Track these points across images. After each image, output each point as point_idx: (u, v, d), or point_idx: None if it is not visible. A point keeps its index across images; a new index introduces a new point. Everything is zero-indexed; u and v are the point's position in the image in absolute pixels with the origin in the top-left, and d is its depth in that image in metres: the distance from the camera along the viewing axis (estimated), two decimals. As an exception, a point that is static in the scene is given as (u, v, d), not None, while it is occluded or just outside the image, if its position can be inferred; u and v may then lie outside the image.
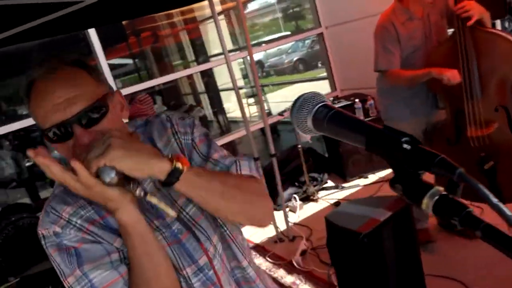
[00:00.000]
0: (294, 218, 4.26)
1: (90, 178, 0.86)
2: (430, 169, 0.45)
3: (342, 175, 4.84)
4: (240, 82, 7.93)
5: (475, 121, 2.65)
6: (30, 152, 0.84)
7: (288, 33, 13.50)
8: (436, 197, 0.45)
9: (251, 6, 14.49)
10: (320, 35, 5.47)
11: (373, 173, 4.70)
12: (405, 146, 0.47)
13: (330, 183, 4.84)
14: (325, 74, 6.08)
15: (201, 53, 7.80)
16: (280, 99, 10.80)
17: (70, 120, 0.95)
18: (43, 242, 1.03)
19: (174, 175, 0.90)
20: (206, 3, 3.50)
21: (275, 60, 15.23)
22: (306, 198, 4.58)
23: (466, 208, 0.43)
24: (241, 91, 8.38)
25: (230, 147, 5.79)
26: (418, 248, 2.46)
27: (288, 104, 4.52)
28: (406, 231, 2.39)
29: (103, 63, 4.11)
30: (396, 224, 2.29)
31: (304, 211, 4.39)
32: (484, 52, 2.55)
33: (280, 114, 4.48)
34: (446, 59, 2.65)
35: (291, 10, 14.86)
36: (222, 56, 3.91)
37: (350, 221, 2.31)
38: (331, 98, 5.11)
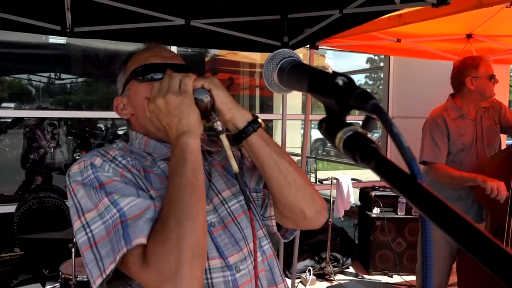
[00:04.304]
0: (302, 290, 4.07)
1: (190, 85, 0.93)
2: (350, 101, 0.44)
3: (366, 266, 4.61)
4: (297, 150, 8.03)
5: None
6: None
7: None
8: (350, 133, 0.45)
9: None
10: (384, 123, 5.50)
11: (399, 275, 4.43)
12: (337, 81, 0.47)
13: (351, 269, 4.62)
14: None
15: (266, 111, 8.10)
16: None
17: (168, 64, 1.05)
18: (68, 179, 0.94)
19: (253, 125, 0.95)
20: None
21: (339, 143, 15.23)
22: (321, 276, 4.38)
23: (370, 143, 0.42)
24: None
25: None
26: None
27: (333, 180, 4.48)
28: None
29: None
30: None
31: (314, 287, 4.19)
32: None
33: (320, 181, 4.44)
34: (496, 170, 2.55)
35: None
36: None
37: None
38: (377, 186, 4.99)
